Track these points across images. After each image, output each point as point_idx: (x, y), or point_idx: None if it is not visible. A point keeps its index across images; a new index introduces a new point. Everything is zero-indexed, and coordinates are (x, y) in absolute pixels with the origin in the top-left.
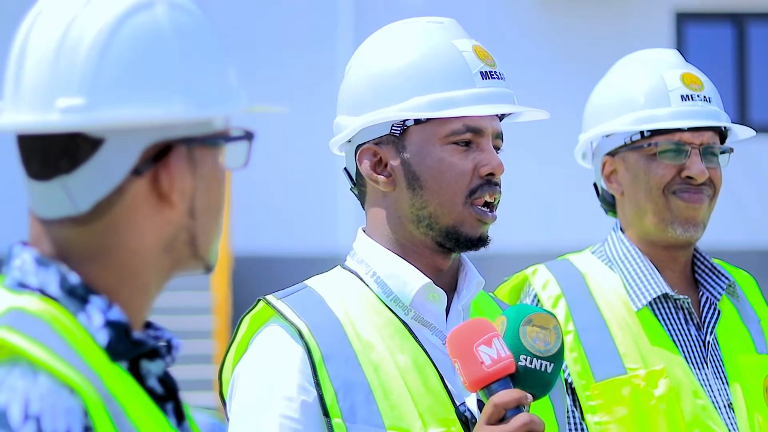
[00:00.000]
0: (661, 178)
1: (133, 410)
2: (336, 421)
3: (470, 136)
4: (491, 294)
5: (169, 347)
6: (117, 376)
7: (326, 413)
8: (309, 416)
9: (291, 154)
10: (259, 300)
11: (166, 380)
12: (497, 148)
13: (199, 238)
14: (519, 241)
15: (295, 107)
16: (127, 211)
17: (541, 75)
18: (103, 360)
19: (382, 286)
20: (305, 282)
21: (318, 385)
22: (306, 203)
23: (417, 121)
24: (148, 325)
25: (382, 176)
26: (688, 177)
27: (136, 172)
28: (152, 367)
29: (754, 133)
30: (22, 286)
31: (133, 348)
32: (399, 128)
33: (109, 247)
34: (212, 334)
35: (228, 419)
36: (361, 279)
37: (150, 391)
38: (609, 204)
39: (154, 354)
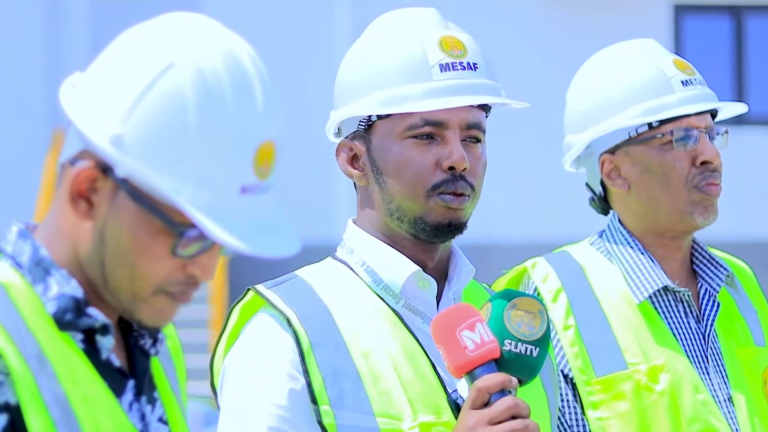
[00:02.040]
0: (680, 170)
1: (66, 374)
2: (324, 408)
3: (431, 129)
4: (484, 285)
5: (155, 339)
6: (60, 343)
7: (314, 400)
8: (297, 404)
9: (288, 142)
10: (249, 289)
11: (138, 361)
12: (475, 139)
13: (107, 271)
14: (518, 233)
15: (292, 98)
16: (63, 195)
17: (539, 68)
18: (49, 327)
19: (372, 275)
20: (295, 272)
21: (306, 372)
22: (302, 193)
23: (380, 117)
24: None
25: (356, 170)
26: (703, 163)
27: (71, 162)
28: (104, 342)
29: (746, 108)
30: (5, 254)
31: (80, 320)
32: (364, 123)
33: (51, 227)
34: (208, 323)
35: (219, 409)
36: (351, 269)
37: (106, 365)
38: (602, 203)
39: (105, 330)
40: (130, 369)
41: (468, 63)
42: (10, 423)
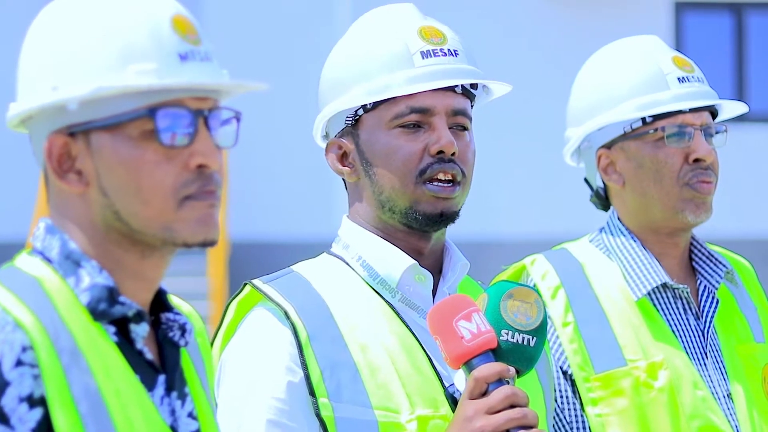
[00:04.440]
0: (672, 167)
1: (100, 367)
2: (322, 400)
3: (417, 116)
4: (480, 282)
5: (183, 330)
6: (94, 335)
7: (312, 393)
8: (296, 397)
9: (287, 139)
10: (246, 284)
11: (168, 355)
12: (461, 126)
13: (123, 214)
14: (516, 230)
15: (292, 92)
16: (59, 193)
17: (540, 65)
18: (83, 319)
19: (368, 270)
20: (291, 267)
21: (304, 364)
22: (302, 189)
23: (366, 110)
24: (168, 309)
25: (346, 167)
26: (696, 160)
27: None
28: (138, 330)
29: (746, 108)
30: (34, 250)
31: (114, 309)
32: (351, 119)
33: (63, 223)
34: (209, 319)
35: (216, 404)
36: (347, 264)
37: (139, 357)
38: (602, 199)
39: (139, 318)
40: (161, 364)
41: (449, 49)
42: (46, 416)
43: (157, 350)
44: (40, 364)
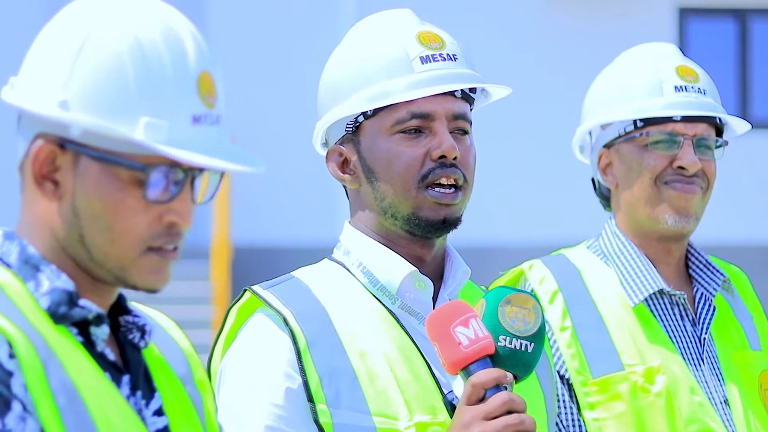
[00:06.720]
0: (653, 168)
1: (72, 366)
2: (320, 407)
3: (418, 122)
4: (482, 287)
5: (143, 332)
6: (60, 336)
7: (311, 399)
8: (294, 403)
9: (290, 144)
10: (245, 290)
11: (130, 356)
12: (462, 130)
13: (88, 242)
14: (517, 235)
15: (293, 98)
16: (30, 192)
17: (543, 71)
18: (46, 322)
19: (368, 276)
20: (292, 273)
21: (302, 371)
22: (306, 194)
23: (367, 116)
24: (128, 312)
25: (347, 175)
26: (680, 167)
27: (27, 152)
28: (98, 333)
29: (749, 126)
30: None
31: (74, 312)
32: (352, 126)
33: (27, 222)
34: (211, 324)
35: (217, 409)
36: (348, 270)
37: (102, 359)
38: (606, 198)
39: (99, 321)
40: (124, 365)
41: (448, 54)
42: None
43: (119, 351)
44: (18, 358)
